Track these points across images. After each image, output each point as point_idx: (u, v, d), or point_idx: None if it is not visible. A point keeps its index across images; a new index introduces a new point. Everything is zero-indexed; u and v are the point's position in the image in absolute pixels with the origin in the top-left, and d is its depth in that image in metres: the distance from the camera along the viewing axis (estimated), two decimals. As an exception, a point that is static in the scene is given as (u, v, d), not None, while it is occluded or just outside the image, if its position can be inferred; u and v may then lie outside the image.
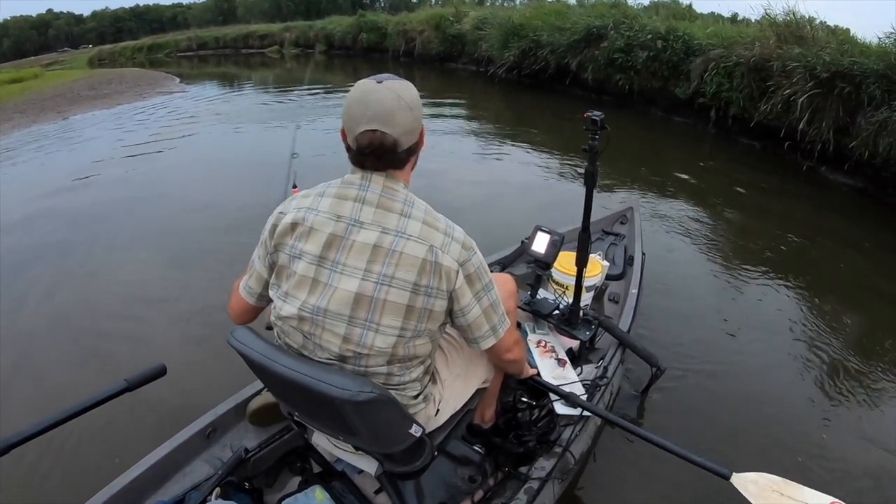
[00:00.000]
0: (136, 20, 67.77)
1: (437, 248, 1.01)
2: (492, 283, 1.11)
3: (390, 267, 0.99)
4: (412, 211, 1.03)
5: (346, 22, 20.07)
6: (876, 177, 4.72)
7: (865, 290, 3.20)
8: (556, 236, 1.97)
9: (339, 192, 1.05)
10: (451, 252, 1.02)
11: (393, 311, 1.00)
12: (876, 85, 4.59)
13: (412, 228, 1.01)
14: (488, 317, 1.11)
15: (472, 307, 1.08)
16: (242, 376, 1.32)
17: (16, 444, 1.04)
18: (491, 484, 1.55)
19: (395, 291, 0.99)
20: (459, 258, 1.03)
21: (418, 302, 1.01)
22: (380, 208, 1.02)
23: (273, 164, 5.73)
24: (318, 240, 1.03)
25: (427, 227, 1.02)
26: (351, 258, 1.01)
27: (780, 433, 2.04)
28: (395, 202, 1.03)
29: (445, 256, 1.01)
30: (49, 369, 2.52)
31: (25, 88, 14.43)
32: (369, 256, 1.00)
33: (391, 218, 1.02)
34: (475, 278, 1.06)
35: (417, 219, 1.03)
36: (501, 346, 1.18)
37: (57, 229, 4.17)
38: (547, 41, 9.00)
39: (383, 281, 1.00)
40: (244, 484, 1.44)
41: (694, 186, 4.90)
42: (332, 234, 1.02)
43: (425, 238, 1.01)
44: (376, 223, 1.01)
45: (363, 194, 1.03)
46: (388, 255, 0.99)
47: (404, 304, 1.00)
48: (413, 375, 1.11)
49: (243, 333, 1.07)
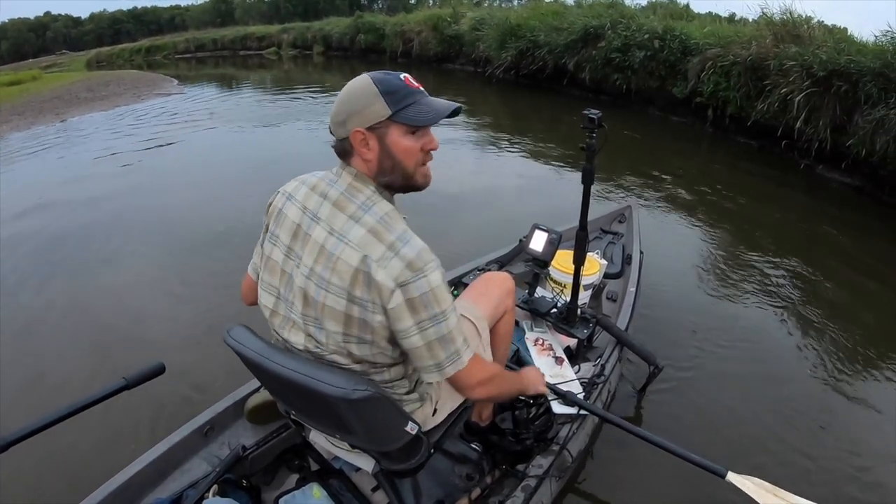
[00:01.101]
0: (133, 22, 67.61)
1: (373, 259, 0.93)
2: (446, 315, 0.98)
3: (327, 271, 0.96)
4: (364, 216, 0.98)
5: (343, 23, 20.05)
6: (873, 175, 4.73)
7: (864, 289, 3.20)
8: (553, 235, 1.98)
9: (315, 182, 1.05)
10: (388, 268, 0.93)
11: (332, 316, 0.98)
12: (873, 83, 4.60)
13: (354, 234, 0.96)
14: (432, 351, 0.99)
15: (412, 335, 0.97)
16: (240, 374, 1.33)
17: (15, 441, 1.04)
18: (488, 482, 1.56)
19: (332, 297, 0.97)
20: (399, 278, 0.93)
21: (355, 311, 0.96)
22: (335, 206, 1.00)
23: (273, 165, 5.75)
24: (287, 228, 1.04)
25: (371, 235, 0.96)
26: (305, 254, 1.01)
27: (777, 433, 2.04)
28: (351, 203, 0.99)
29: (380, 271, 0.93)
30: (48, 367, 2.52)
31: (24, 90, 14.39)
32: (316, 255, 0.99)
33: (340, 219, 0.99)
34: (419, 305, 0.95)
35: (365, 225, 0.97)
36: (460, 383, 1.07)
37: (56, 230, 4.16)
38: (544, 41, 9.02)
39: (320, 284, 0.98)
40: (242, 481, 1.44)
41: (691, 185, 4.91)
42: (298, 224, 1.03)
43: (363, 246, 0.95)
44: (327, 221, 0.99)
45: (328, 189, 1.02)
46: (328, 257, 0.97)
47: (342, 312, 0.97)
48: (393, 374, 1.09)
49: (239, 332, 1.08)
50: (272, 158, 5.86)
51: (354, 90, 0.99)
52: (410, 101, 0.99)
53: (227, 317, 2.68)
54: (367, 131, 0.98)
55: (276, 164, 5.54)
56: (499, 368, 1.22)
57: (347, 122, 0.98)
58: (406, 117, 0.98)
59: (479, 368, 1.08)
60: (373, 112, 0.97)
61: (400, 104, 0.98)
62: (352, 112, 0.98)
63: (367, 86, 0.98)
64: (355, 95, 0.98)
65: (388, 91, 0.97)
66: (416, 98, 1.00)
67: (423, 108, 1.00)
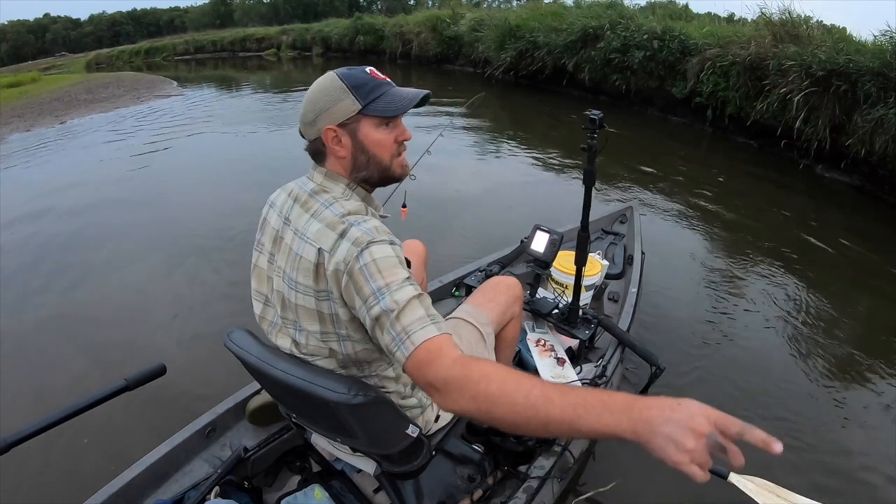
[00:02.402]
0: (133, 24, 67.63)
1: (326, 250, 0.91)
2: (391, 288, 0.85)
3: (294, 271, 0.96)
4: (324, 212, 0.96)
5: (342, 24, 20.09)
6: (872, 174, 4.74)
7: (865, 289, 3.21)
8: (555, 235, 1.98)
9: (292, 187, 1.06)
10: (337, 253, 0.90)
11: (307, 315, 0.98)
12: (872, 83, 4.61)
13: (311, 230, 0.95)
14: (380, 332, 0.85)
15: (364, 316, 0.88)
16: (242, 376, 1.32)
17: (15, 442, 1.04)
18: (490, 483, 1.55)
19: (301, 296, 0.97)
20: (346, 258, 0.88)
21: (324, 307, 0.95)
22: (301, 207, 1.00)
23: (273, 166, 5.74)
24: (269, 235, 1.05)
25: (326, 228, 0.93)
26: (279, 258, 1.02)
27: (780, 434, 2.02)
28: (316, 202, 0.99)
29: (332, 259, 0.90)
30: (49, 368, 2.52)
31: (23, 93, 14.38)
32: (286, 258, 0.99)
33: (303, 218, 0.98)
34: (360, 279, 0.86)
35: (322, 220, 0.95)
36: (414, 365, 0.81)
37: (56, 231, 4.16)
38: (543, 42, 9.03)
39: (290, 285, 0.98)
40: (243, 483, 1.43)
41: (692, 185, 4.91)
42: (274, 229, 1.04)
43: (317, 240, 0.93)
44: (294, 223, 0.99)
45: (298, 192, 1.03)
46: (294, 258, 0.97)
47: (314, 309, 0.96)
48: (387, 376, 1.08)
49: (240, 336, 1.08)
50: (272, 160, 5.86)
51: (322, 88, 0.98)
52: (379, 93, 0.98)
53: (228, 317, 2.69)
54: (338, 128, 0.97)
55: (277, 165, 5.54)
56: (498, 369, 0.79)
57: (318, 120, 0.98)
58: (377, 109, 0.97)
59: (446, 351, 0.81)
60: (342, 108, 0.96)
61: (369, 97, 0.97)
62: (321, 110, 0.97)
63: (334, 82, 0.97)
64: (323, 93, 0.97)
65: (355, 85, 0.97)
66: (385, 89, 0.99)
67: (393, 99, 0.99)
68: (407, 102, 0.99)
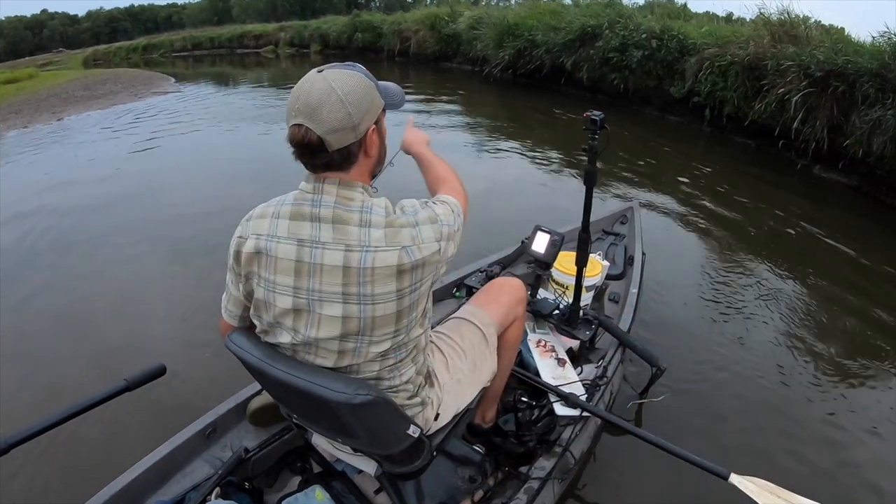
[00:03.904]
0: (130, 20, 67.37)
1: (410, 246, 0.94)
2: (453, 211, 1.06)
3: (367, 286, 0.93)
4: (371, 218, 0.94)
5: (340, 22, 20.01)
6: (870, 175, 4.75)
7: (865, 289, 3.21)
8: (555, 236, 1.98)
9: (294, 210, 0.97)
10: (425, 239, 0.97)
11: (384, 322, 0.97)
12: (870, 84, 4.61)
13: (376, 238, 0.93)
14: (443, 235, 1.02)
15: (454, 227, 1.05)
16: (242, 376, 1.31)
17: (16, 443, 1.04)
18: (491, 484, 1.55)
19: (381, 306, 0.95)
20: (436, 235, 0.98)
21: (405, 302, 0.97)
22: (337, 223, 0.94)
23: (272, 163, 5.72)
24: (286, 269, 0.96)
25: (391, 228, 0.94)
26: (325, 284, 0.94)
27: (779, 434, 2.05)
28: (352, 213, 0.94)
29: (423, 247, 0.96)
30: (48, 369, 2.51)
31: (20, 89, 14.33)
32: (342, 279, 0.93)
33: (352, 232, 0.93)
34: (451, 234, 1.03)
35: (378, 225, 0.94)
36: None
37: (55, 230, 4.14)
38: (542, 41, 9.01)
39: (365, 301, 0.94)
40: (244, 484, 1.44)
41: (690, 185, 4.92)
42: (298, 261, 0.95)
43: (393, 242, 0.93)
44: (338, 241, 0.93)
45: (317, 211, 0.95)
46: (360, 273, 0.92)
47: (394, 312, 0.96)
48: (404, 378, 1.08)
49: (240, 337, 1.08)
50: (271, 157, 5.84)
51: (360, 88, 0.93)
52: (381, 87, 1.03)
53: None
54: (374, 125, 0.99)
55: (276, 162, 5.52)
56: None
57: (362, 123, 0.94)
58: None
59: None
60: (377, 104, 0.99)
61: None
62: (365, 110, 0.94)
63: (365, 79, 0.97)
64: (363, 92, 0.93)
65: (375, 80, 1.00)
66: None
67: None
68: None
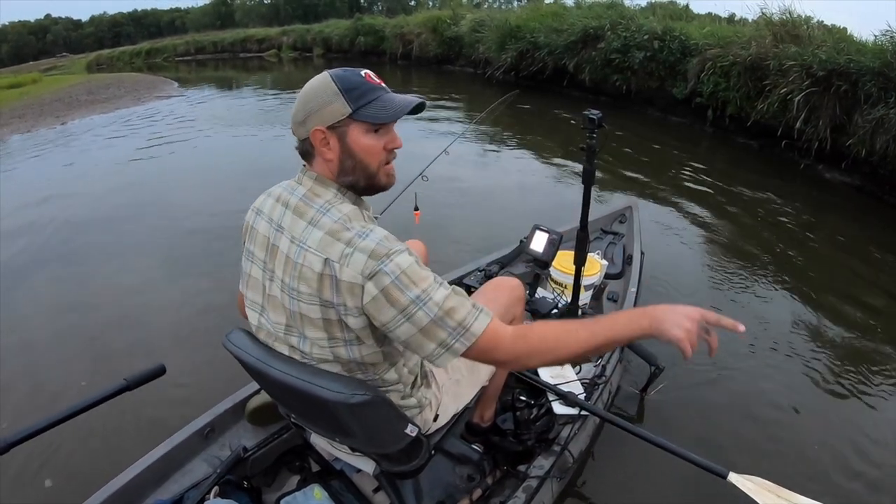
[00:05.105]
0: (134, 25, 67.69)
1: (334, 261, 0.90)
2: (429, 293, 0.89)
3: (294, 280, 0.94)
4: (322, 218, 0.95)
5: (343, 25, 20.08)
6: (873, 174, 4.73)
7: (865, 289, 3.20)
8: (554, 235, 1.98)
9: (279, 193, 1.03)
10: (351, 264, 0.89)
11: (311, 323, 0.96)
12: (872, 83, 4.60)
13: (312, 239, 0.93)
14: (430, 335, 0.91)
15: (401, 324, 0.90)
16: (241, 376, 1.32)
17: (16, 442, 1.05)
18: (489, 482, 1.55)
19: (305, 305, 0.94)
20: (364, 270, 0.88)
21: (332, 315, 0.93)
22: (295, 214, 0.98)
23: (273, 165, 5.74)
24: (260, 243, 1.03)
25: (329, 237, 0.92)
26: (276, 266, 0.99)
27: (778, 434, 2.04)
28: (311, 208, 0.97)
29: (345, 269, 0.89)
30: (49, 369, 2.52)
31: (24, 93, 14.42)
32: (283, 266, 0.97)
33: (300, 225, 0.96)
34: (395, 291, 0.88)
35: (323, 227, 0.93)
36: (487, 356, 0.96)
37: (56, 233, 4.16)
38: (544, 42, 9.02)
39: (292, 294, 0.95)
40: (243, 483, 1.44)
41: (692, 185, 4.91)
42: (266, 237, 1.02)
43: (322, 250, 0.91)
44: (289, 230, 0.97)
45: (288, 197, 1.00)
46: (293, 266, 0.94)
47: (319, 318, 0.94)
48: (389, 379, 1.07)
49: (238, 337, 1.08)
50: (273, 159, 5.86)
51: (314, 88, 0.96)
52: (371, 98, 0.96)
53: (228, 318, 2.68)
54: (327, 130, 0.96)
55: (277, 164, 5.54)
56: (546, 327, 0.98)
57: (307, 121, 0.96)
58: (366, 115, 0.96)
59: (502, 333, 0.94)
60: (332, 110, 0.95)
61: (360, 101, 0.95)
62: (311, 111, 0.96)
63: (327, 83, 0.96)
64: (315, 93, 0.96)
65: (347, 88, 0.95)
66: (377, 95, 0.97)
67: (384, 105, 0.97)
68: (399, 110, 0.97)
